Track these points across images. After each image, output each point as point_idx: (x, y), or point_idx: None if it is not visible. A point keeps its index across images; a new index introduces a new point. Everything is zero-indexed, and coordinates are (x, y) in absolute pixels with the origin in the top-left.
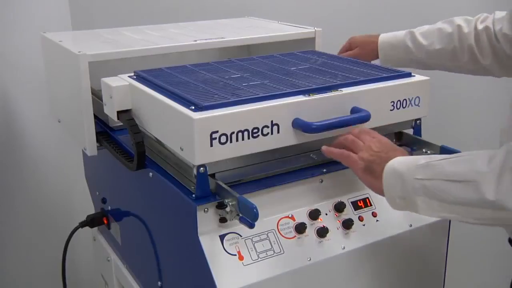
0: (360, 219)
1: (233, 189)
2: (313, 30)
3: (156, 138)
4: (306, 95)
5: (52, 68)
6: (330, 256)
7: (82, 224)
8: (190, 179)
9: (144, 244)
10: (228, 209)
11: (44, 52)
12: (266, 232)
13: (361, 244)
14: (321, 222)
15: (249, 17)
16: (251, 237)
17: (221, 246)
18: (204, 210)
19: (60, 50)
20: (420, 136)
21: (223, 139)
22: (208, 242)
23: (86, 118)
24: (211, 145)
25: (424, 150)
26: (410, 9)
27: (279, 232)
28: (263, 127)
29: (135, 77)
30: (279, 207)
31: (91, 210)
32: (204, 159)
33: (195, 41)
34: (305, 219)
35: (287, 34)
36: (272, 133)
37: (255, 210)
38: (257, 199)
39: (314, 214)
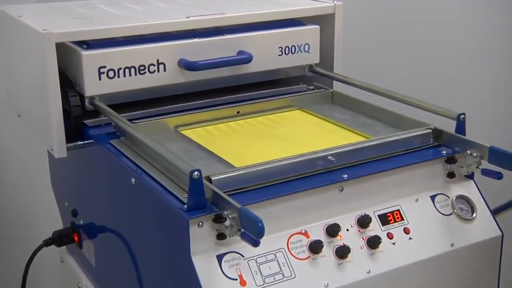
0: (389, 236)
1: (234, 199)
2: (333, 4)
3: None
4: (191, 38)
5: (10, 50)
6: (352, 281)
7: (47, 242)
8: (182, 186)
9: (125, 266)
10: (227, 223)
11: (0, 30)
12: (273, 252)
13: (391, 267)
14: (341, 239)
15: None
16: (255, 258)
17: (219, 268)
18: (199, 224)
19: (20, 27)
20: (464, 135)
21: (111, 74)
22: (203, 263)
23: (53, 111)
24: (100, 79)
25: (468, 152)
26: None
27: (290, 252)
28: (149, 65)
29: None
30: (289, 221)
31: (59, 225)
32: (93, 91)
33: (188, 17)
34: (321, 236)
35: (300, 10)
36: (158, 71)
37: (260, 224)
38: (263, 210)
39: (333, 230)
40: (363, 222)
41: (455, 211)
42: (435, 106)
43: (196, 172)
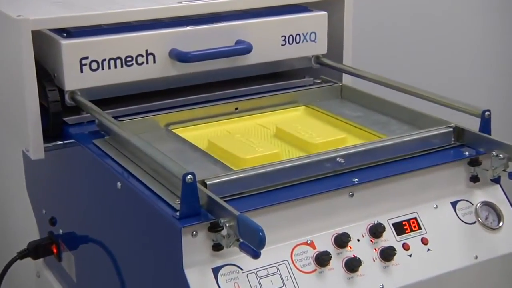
0: (405, 247)
1: (232, 205)
2: None
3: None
4: (184, 26)
5: None
6: None
7: (22, 255)
8: (173, 191)
9: (109, 280)
10: (224, 232)
11: None
12: (276, 264)
13: (406, 282)
14: (351, 251)
15: None
16: (255, 271)
17: (215, 282)
18: (192, 234)
19: None
20: (489, 134)
21: (94, 65)
22: (197, 277)
23: (29, 108)
24: (81, 71)
25: (494, 153)
26: None
27: (294, 264)
28: (137, 56)
29: None
30: (294, 230)
31: (35, 235)
32: (74, 85)
33: (180, 2)
34: (329, 246)
35: None
36: (147, 63)
37: (261, 233)
38: (265, 218)
39: (342, 240)
40: (376, 231)
41: (479, 219)
42: (457, 101)
43: (190, 175)
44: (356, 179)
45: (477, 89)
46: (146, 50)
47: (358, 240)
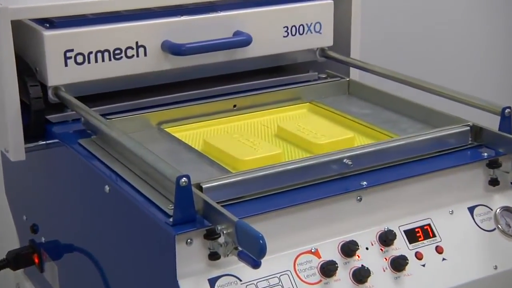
0: (418, 256)
1: (229, 210)
2: None
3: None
4: (178, 16)
5: None
6: None
7: (1, 265)
8: (166, 196)
9: None
10: (221, 239)
11: None
12: (277, 275)
13: None
14: (359, 260)
15: None
16: (255, 282)
17: None
18: (187, 241)
19: None
20: (510, 133)
21: (80, 59)
22: None
23: (9, 105)
24: (66, 65)
25: None
26: None
27: (297, 275)
28: (126, 49)
29: None
30: (297, 238)
31: (15, 244)
32: (58, 80)
33: None
34: (335, 255)
35: None
36: (138, 56)
37: (261, 241)
38: (265, 225)
39: (349, 249)
40: (386, 239)
41: (499, 226)
42: (474, 98)
43: (184, 178)
44: (365, 182)
45: (487, 86)
46: (137, 42)
47: (367, 248)
